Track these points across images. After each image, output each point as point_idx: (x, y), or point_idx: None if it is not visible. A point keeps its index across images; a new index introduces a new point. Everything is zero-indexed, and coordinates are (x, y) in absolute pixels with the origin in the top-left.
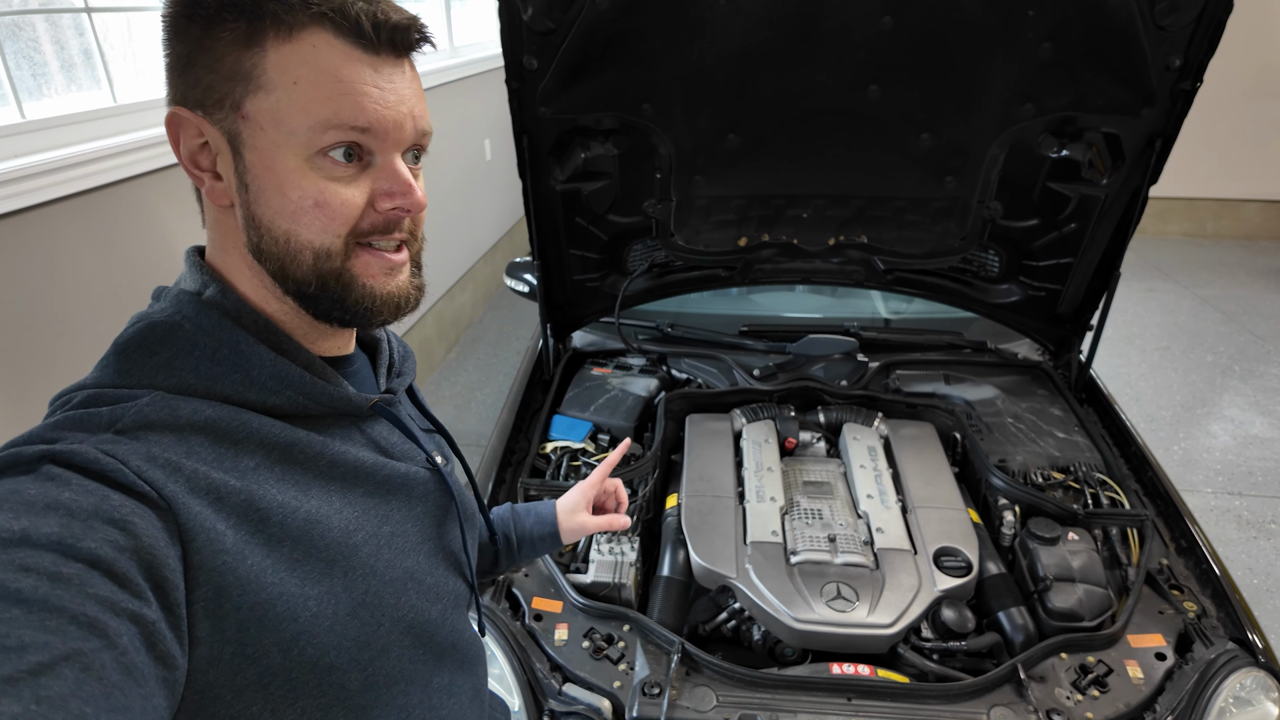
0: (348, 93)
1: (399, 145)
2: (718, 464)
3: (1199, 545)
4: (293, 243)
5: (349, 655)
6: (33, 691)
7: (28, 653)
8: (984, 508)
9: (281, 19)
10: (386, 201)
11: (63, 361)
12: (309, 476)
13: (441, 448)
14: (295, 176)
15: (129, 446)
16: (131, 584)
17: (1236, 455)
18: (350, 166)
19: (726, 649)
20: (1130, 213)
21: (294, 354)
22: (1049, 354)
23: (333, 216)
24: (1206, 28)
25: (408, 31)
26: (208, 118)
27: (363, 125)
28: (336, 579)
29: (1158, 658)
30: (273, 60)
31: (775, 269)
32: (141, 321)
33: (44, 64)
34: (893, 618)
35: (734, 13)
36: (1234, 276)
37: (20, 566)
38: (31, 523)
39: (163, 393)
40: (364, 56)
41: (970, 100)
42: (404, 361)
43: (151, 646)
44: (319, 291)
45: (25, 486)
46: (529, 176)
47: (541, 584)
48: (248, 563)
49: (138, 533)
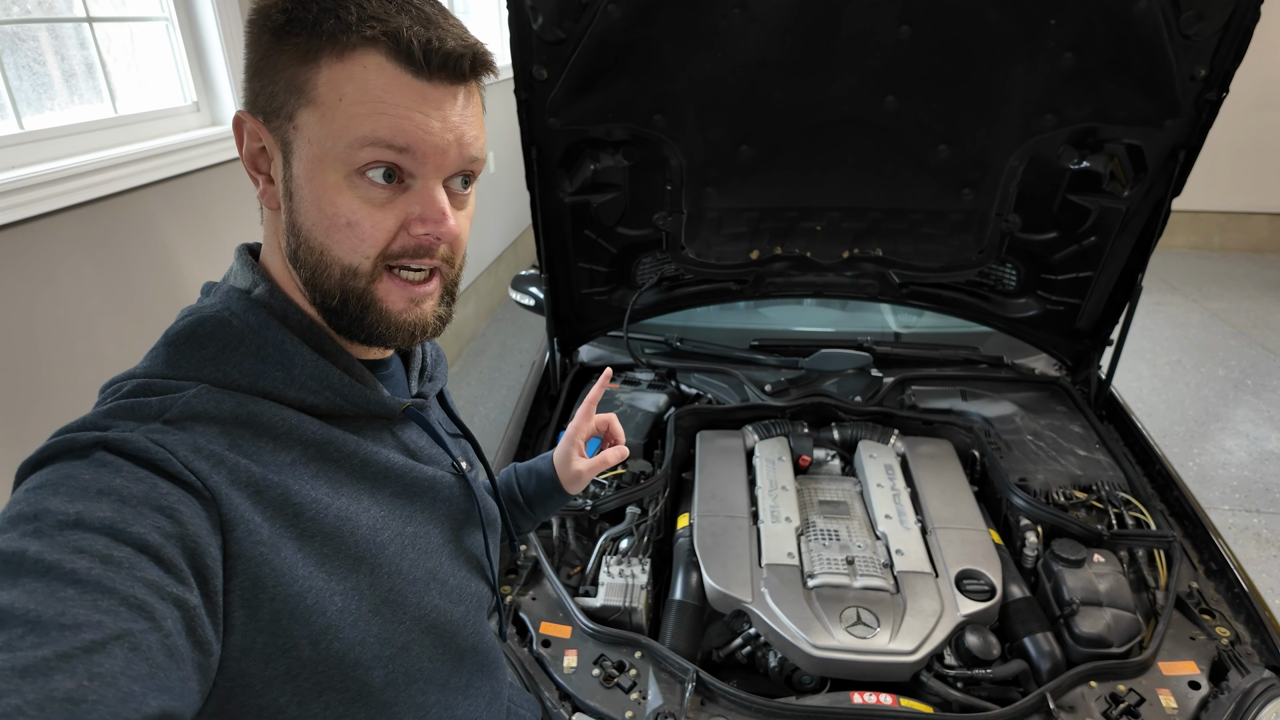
0: (389, 113)
1: (440, 171)
2: (730, 482)
3: (1230, 568)
4: (325, 256)
5: (371, 651)
6: (86, 668)
7: (83, 631)
8: (1005, 528)
9: (337, 38)
10: (419, 227)
11: (61, 373)
12: (342, 474)
13: (467, 453)
14: (333, 193)
15: (177, 437)
16: (177, 570)
17: (1253, 471)
18: (388, 189)
19: (742, 677)
20: (1152, 225)
21: (335, 356)
22: (1067, 370)
23: (362, 237)
24: (1233, 37)
25: (461, 60)
26: (266, 124)
27: (401, 145)
28: (363, 575)
29: (1191, 686)
30: (325, 77)
31: (787, 282)
32: (192, 315)
33: (46, 76)
34: (915, 644)
35: (748, 22)
36: (1243, 289)
37: (75, 548)
38: (86, 506)
39: (209, 385)
40: (413, 81)
41: (989, 111)
42: (435, 366)
43: (191, 631)
44: (340, 306)
45: (80, 471)
46: (537, 188)
47: (550, 608)
48: (281, 555)
49: (184, 520)
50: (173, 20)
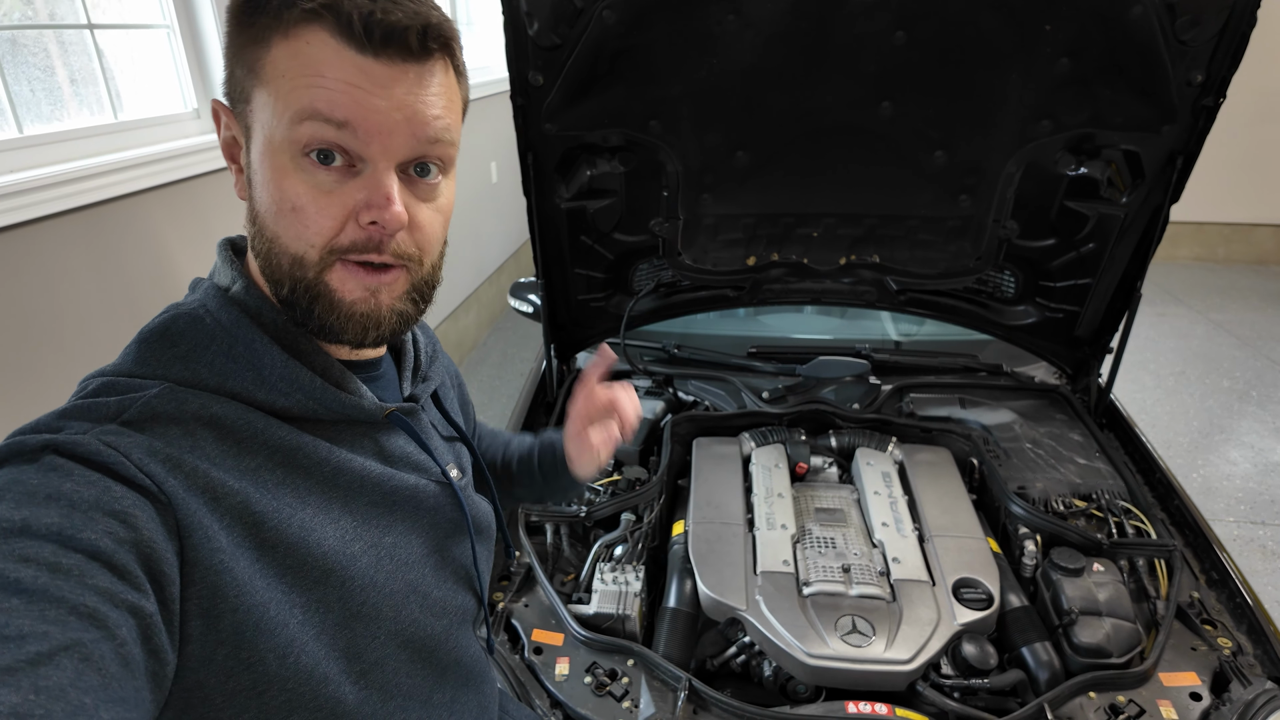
0: (327, 86)
1: (389, 154)
2: (726, 489)
3: (1231, 578)
4: (275, 244)
5: (339, 666)
6: (31, 681)
7: (27, 643)
8: (1003, 537)
9: (281, 15)
10: (365, 214)
11: (56, 378)
12: (309, 483)
13: (460, 458)
14: (279, 175)
15: (132, 439)
16: (131, 576)
17: (1258, 483)
18: (333, 171)
19: (736, 685)
20: (1151, 232)
21: (309, 357)
22: (1067, 378)
23: (307, 224)
24: (1229, 42)
25: (406, 33)
26: (233, 110)
27: (339, 120)
28: (331, 588)
29: (1193, 698)
30: (272, 56)
31: (785, 289)
32: (169, 312)
33: (56, 86)
34: (911, 653)
35: (744, 28)
36: (1247, 301)
37: (20, 557)
38: (32, 513)
39: (173, 385)
40: (355, 57)
41: (985, 117)
42: (431, 364)
43: (147, 640)
44: (290, 296)
45: (27, 476)
46: (533, 194)
47: (542, 615)
48: (241, 564)
49: (138, 525)
50: (174, 28)
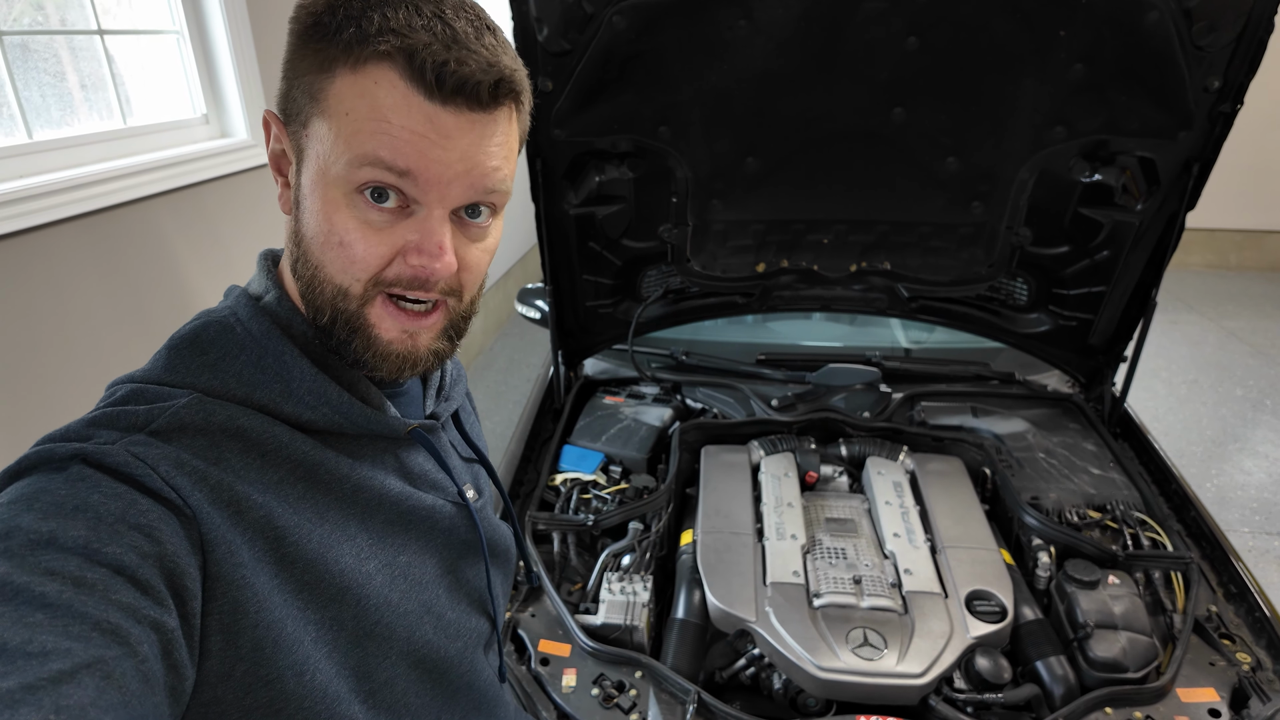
0: (391, 133)
1: (444, 201)
2: (735, 498)
3: (1250, 591)
4: (319, 272)
5: (348, 685)
6: (54, 700)
7: (50, 660)
8: (1017, 548)
9: (353, 49)
10: (414, 257)
11: (65, 383)
12: (329, 499)
13: (478, 479)
14: (331, 208)
15: (160, 450)
16: (154, 591)
17: (1273, 493)
18: (386, 211)
19: (745, 698)
20: (1166, 240)
21: (338, 371)
22: (1080, 386)
23: (353, 259)
24: (1247, 48)
25: (479, 87)
26: (287, 127)
27: (401, 169)
28: (345, 606)
29: (1211, 714)
30: (337, 87)
31: (794, 296)
32: (200, 318)
33: (68, 93)
34: (924, 666)
35: (754, 34)
36: (1260, 309)
37: (46, 570)
38: (60, 525)
39: (201, 395)
40: (424, 104)
41: (998, 123)
42: (454, 385)
43: (168, 655)
44: (329, 325)
45: (56, 486)
46: (542, 200)
47: (549, 625)
48: (261, 579)
49: (162, 539)
50: (184, 33)
